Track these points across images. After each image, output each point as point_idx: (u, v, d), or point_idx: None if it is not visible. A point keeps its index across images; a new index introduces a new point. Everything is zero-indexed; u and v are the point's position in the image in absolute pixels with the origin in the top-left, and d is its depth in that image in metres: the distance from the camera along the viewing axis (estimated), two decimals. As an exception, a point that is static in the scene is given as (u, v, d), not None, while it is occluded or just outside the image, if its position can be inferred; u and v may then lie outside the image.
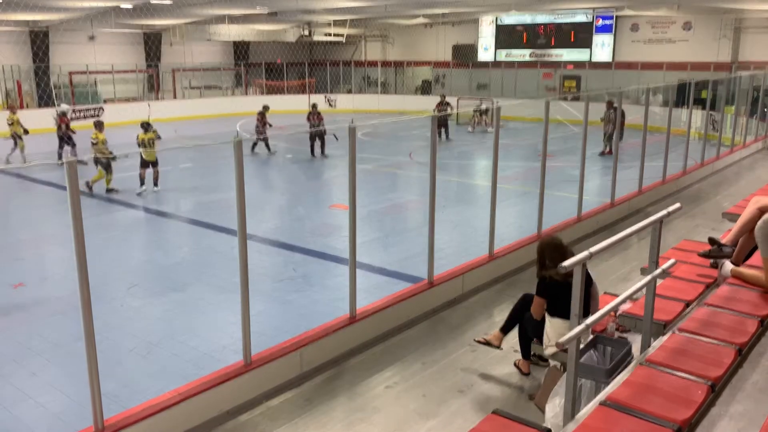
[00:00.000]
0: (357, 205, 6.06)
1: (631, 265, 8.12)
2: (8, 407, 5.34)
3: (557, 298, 4.95)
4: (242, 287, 5.18)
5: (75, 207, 4.08)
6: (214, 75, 32.90)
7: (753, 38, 25.21)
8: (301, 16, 27.24)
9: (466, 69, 32.09)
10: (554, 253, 5.02)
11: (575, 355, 3.43)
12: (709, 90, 19.17)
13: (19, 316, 7.25)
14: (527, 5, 25.61)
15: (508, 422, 3.36)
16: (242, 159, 4.97)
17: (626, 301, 3.91)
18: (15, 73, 25.99)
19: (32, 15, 23.32)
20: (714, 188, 13.39)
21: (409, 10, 25.33)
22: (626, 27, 28.08)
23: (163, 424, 4.69)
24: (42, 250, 9.98)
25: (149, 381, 5.71)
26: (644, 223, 4.06)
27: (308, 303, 7.51)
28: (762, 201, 4.96)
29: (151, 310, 7.47)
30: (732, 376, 3.38)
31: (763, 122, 19.13)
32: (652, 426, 2.93)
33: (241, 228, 5.11)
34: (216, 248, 9.83)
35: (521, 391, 5.42)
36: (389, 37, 35.46)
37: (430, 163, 6.84)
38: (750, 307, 4.00)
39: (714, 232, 8.98)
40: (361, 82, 35.20)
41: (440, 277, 7.20)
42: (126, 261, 9.25)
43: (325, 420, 5.02)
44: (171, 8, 22.27)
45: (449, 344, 6.27)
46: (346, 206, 6.33)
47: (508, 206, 11.60)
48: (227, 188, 11.27)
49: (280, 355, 5.47)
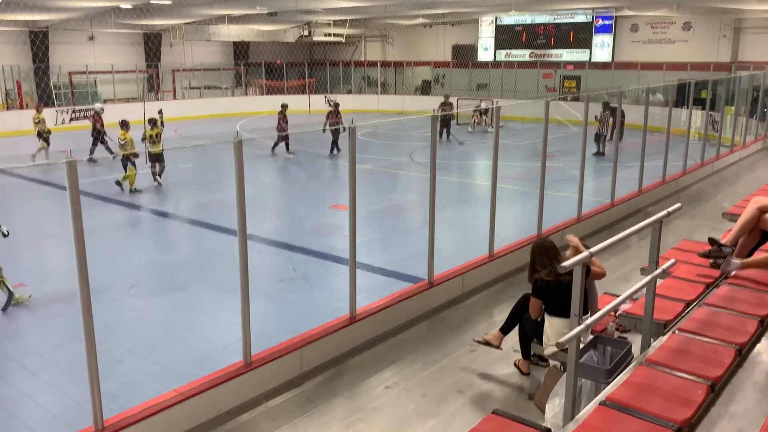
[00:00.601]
0: (357, 205, 6.07)
1: (631, 265, 8.12)
2: (8, 407, 5.34)
3: (552, 298, 4.99)
4: (242, 287, 5.18)
5: (75, 207, 4.08)
6: (214, 75, 32.90)
7: (753, 38, 25.21)
8: (300, 16, 27.24)
9: (466, 69, 32.10)
10: (542, 256, 5.11)
11: (575, 355, 3.44)
12: (709, 90, 19.17)
13: (19, 316, 7.24)
14: (527, 6, 25.60)
15: (508, 422, 3.36)
16: (242, 159, 4.97)
17: (626, 301, 3.91)
18: (15, 74, 25.98)
19: (32, 15, 23.32)
20: (714, 188, 13.39)
21: (408, 11, 25.32)
22: (626, 27, 28.08)
23: (163, 424, 4.69)
24: (42, 250, 9.98)
25: (149, 381, 5.71)
26: (644, 224, 4.07)
27: (308, 303, 7.51)
28: (762, 201, 4.97)
29: (151, 310, 7.48)
30: (732, 376, 3.38)
31: (762, 122, 19.14)
32: (652, 426, 2.93)
33: (241, 228, 5.11)
34: (216, 248, 9.83)
35: (521, 391, 5.42)
36: (389, 38, 35.46)
37: (430, 164, 6.84)
38: (750, 307, 4.00)
39: (714, 232, 8.98)
40: (361, 82, 35.20)
41: (440, 277, 7.20)
42: (126, 261, 9.25)
43: (325, 420, 5.02)
44: (171, 8, 22.27)
45: (449, 344, 6.27)
46: (346, 206, 6.33)
47: (508, 206, 11.59)
48: (227, 188, 11.27)
49: (280, 355, 5.47)
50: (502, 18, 30.82)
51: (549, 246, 5.21)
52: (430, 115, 7.02)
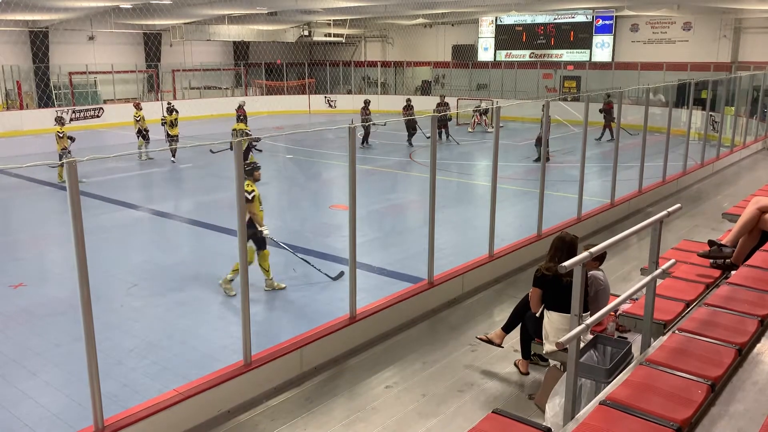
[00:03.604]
0: (357, 205, 6.07)
1: (631, 265, 8.12)
2: (9, 407, 5.34)
3: (552, 290, 4.96)
4: (242, 287, 5.18)
5: (75, 207, 4.08)
6: (214, 75, 32.90)
7: (753, 38, 25.21)
8: (300, 16, 27.24)
9: (466, 69, 32.10)
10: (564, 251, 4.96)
11: (575, 355, 3.44)
12: (709, 90, 19.17)
13: (19, 316, 7.25)
14: (527, 6, 25.60)
15: (508, 422, 3.35)
16: (242, 159, 4.98)
17: (626, 301, 3.91)
18: (15, 74, 25.98)
19: (32, 15, 23.33)
20: (714, 188, 13.39)
21: (408, 11, 25.33)
22: (626, 27, 28.08)
23: (163, 424, 4.69)
24: (42, 250, 9.98)
25: (149, 381, 5.70)
26: (644, 224, 4.07)
27: (308, 303, 7.51)
28: (762, 201, 4.96)
29: (151, 310, 7.47)
30: (732, 376, 3.38)
31: (762, 122, 19.14)
32: (652, 426, 2.93)
33: (241, 228, 5.11)
34: (216, 248, 9.83)
35: (521, 390, 5.42)
36: (389, 38, 35.46)
37: (430, 163, 6.84)
38: (750, 307, 3.99)
39: (714, 232, 9.00)
40: (361, 82, 35.19)
41: (440, 277, 7.20)
42: (126, 261, 9.25)
43: (325, 420, 5.02)
44: (171, 8, 22.28)
45: (449, 344, 6.27)
46: (346, 206, 6.33)
47: (508, 206, 11.60)
48: (227, 188, 11.24)
49: (280, 355, 5.48)
50: (502, 18, 30.82)
51: (576, 244, 5.10)
52: (429, 114, 7.02)
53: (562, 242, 5.10)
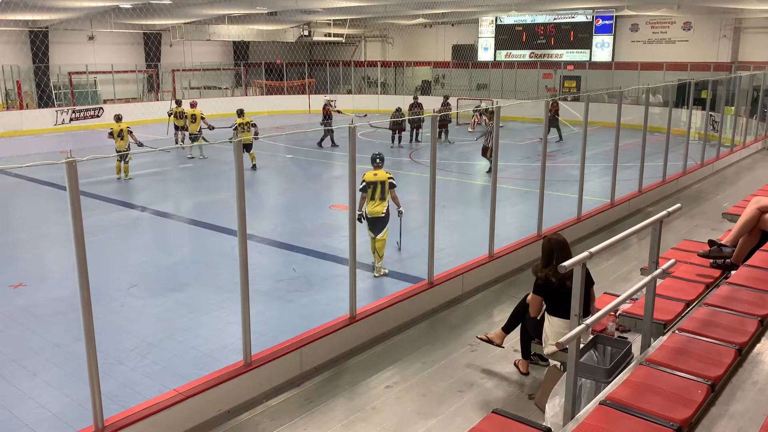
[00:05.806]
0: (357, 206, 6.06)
1: (631, 265, 8.12)
2: (9, 407, 5.34)
3: (554, 297, 4.95)
4: (242, 287, 5.18)
5: (75, 207, 4.08)
6: (214, 75, 32.89)
7: (753, 38, 25.21)
8: (300, 16, 27.24)
9: (466, 69, 32.09)
10: (560, 254, 4.94)
11: (575, 355, 3.44)
12: (709, 90, 19.18)
13: (19, 316, 7.24)
14: (527, 5, 25.60)
15: (508, 421, 3.36)
16: (242, 159, 4.98)
17: (626, 301, 3.91)
18: (15, 74, 25.98)
19: (32, 15, 23.33)
20: (714, 188, 13.39)
21: (408, 11, 25.33)
22: (626, 27, 28.07)
23: (163, 423, 4.69)
24: (42, 250, 9.98)
25: (149, 381, 5.70)
26: (644, 224, 4.07)
27: (308, 303, 7.51)
28: (762, 201, 4.96)
29: (151, 310, 7.47)
30: (732, 376, 3.38)
31: (762, 122, 19.14)
32: (652, 425, 2.93)
33: (241, 228, 5.11)
34: (216, 248, 9.83)
35: (521, 390, 5.42)
36: (389, 37, 35.45)
37: (430, 163, 6.84)
38: (750, 307, 3.99)
39: (714, 232, 9.00)
40: (361, 82, 35.19)
41: (440, 277, 7.20)
42: (126, 261, 9.25)
43: (325, 420, 5.02)
44: (171, 8, 22.28)
45: (449, 344, 6.27)
46: (345, 206, 6.33)
47: (508, 206, 11.60)
48: (227, 188, 11.22)
49: (280, 355, 5.48)
50: (502, 18, 30.82)
51: (568, 245, 5.10)
52: (429, 114, 7.02)
53: (558, 244, 5.07)
